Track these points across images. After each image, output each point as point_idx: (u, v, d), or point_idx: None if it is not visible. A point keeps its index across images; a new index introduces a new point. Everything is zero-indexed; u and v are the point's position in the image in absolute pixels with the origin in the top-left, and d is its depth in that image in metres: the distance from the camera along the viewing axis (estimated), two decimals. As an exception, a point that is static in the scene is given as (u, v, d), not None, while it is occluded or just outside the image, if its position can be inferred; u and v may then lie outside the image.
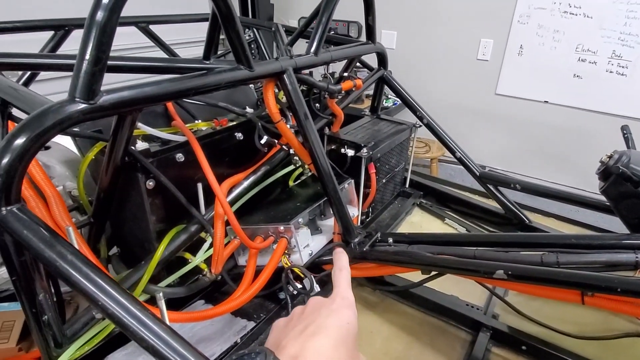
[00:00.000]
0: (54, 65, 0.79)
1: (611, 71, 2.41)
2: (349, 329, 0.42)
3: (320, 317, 0.42)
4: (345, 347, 0.40)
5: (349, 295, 0.47)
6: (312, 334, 0.39)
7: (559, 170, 2.78)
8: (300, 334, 0.40)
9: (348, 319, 0.42)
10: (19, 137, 0.49)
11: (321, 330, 0.40)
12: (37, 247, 0.50)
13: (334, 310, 0.43)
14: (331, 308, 0.44)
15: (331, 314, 0.43)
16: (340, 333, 0.40)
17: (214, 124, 0.96)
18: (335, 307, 0.44)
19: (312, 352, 0.37)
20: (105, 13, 0.52)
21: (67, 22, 1.16)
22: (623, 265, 0.70)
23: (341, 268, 0.51)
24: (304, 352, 0.37)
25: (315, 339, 0.39)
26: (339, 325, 0.41)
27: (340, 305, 0.44)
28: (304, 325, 0.41)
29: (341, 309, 0.44)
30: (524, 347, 0.91)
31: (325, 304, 0.45)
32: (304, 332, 0.40)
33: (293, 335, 0.40)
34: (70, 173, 0.91)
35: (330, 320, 0.41)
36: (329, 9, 0.97)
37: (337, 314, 0.43)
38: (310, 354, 0.37)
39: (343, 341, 0.40)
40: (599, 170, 0.83)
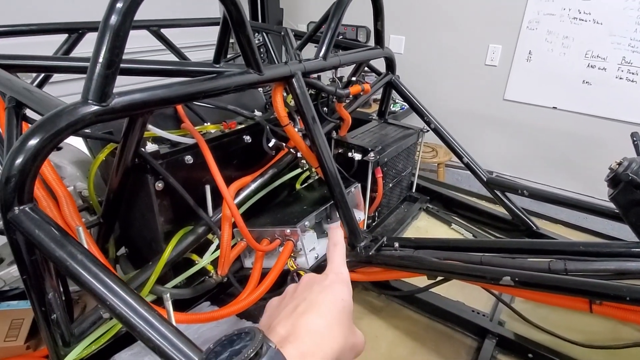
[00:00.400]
0: (67, 67, 0.81)
1: (621, 77, 2.39)
2: (344, 305, 0.40)
3: (312, 293, 0.40)
4: (339, 324, 0.38)
5: (343, 270, 0.45)
6: (303, 312, 0.38)
7: (567, 177, 2.75)
8: (292, 313, 0.38)
9: (342, 295, 0.41)
10: (33, 138, 0.50)
11: (313, 307, 0.38)
12: (48, 247, 0.51)
13: (326, 287, 0.41)
14: (324, 284, 0.42)
15: (324, 290, 0.41)
16: (334, 310, 0.39)
17: (223, 127, 0.97)
18: (327, 283, 0.42)
19: (304, 330, 0.36)
20: (119, 17, 0.53)
21: (81, 25, 1.18)
22: (632, 273, 0.70)
23: (335, 243, 0.48)
24: (295, 330, 0.36)
25: (307, 317, 0.37)
26: (333, 301, 0.40)
27: (334, 280, 0.42)
28: (295, 304, 0.39)
29: (334, 284, 0.42)
30: (530, 355, 0.90)
31: (317, 280, 0.43)
32: (295, 311, 0.38)
33: (284, 315, 0.38)
34: (81, 174, 0.92)
35: (323, 297, 0.40)
36: (338, 14, 0.98)
37: (330, 290, 0.41)
38: (302, 333, 0.36)
39: (336, 318, 0.38)
40: (608, 177, 0.82)
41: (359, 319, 1.02)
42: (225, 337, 0.33)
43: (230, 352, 0.32)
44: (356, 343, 0.40)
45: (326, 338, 0.37)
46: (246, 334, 0.33)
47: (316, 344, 0.36)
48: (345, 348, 0.38)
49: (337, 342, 0.37)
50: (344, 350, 0.38)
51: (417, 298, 1.03)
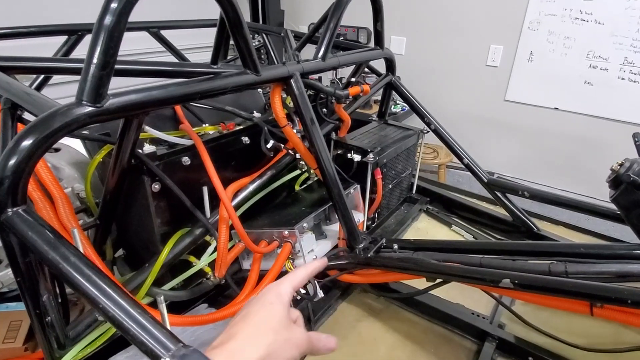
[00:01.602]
0: (65, 68, 0.80)
1: (623, 78, 2.38)
2: (271, 308, 0.47)
3: (248, 306, 0.48)
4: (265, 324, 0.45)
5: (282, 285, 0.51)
6: (235, 323, 0.45)
7: (569, 178, 2.74)
8: (227, 327, 0.45)
9: (269, 300, 0.48)
10: (26, 139, 0.50)
11: (244, 317, 0.45)
12: (41, 249, 0.50)
13: (259, 298, 0.49)
14: (258, 297, 0.49)
15: (257, 301, 0.48)
16: (260, 314, 0.46)
17: (221, 128, 0.96)
18: (261, 295, 0.49)
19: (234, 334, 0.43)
20: (113, 18, 0.52)
21: (79, 27, 1.18)
22: (634, 276, 0.69)
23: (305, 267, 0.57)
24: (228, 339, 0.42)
25: (238, 326, 0.44)
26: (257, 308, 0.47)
27: (267, 292, 0.50)
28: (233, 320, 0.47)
29: (266, 295, 0.49)
30: (530, 358, 0.89)
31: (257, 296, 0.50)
32: (230, 324, 0.45)
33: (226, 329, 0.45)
34: (79, 175, 0.92)
35: (254, 307, 0.47)
36: (337, 14, 0.97)
37: (260, 299, 0.48)
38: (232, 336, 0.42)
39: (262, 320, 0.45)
40: (610, 178, 0.81)
41: (357, 321, 1.01)
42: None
43: None
44: (291, 337, 0.46)
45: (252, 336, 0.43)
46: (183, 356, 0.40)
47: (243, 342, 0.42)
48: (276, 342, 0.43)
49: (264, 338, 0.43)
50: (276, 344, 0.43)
51: (417, 300, 1.02)
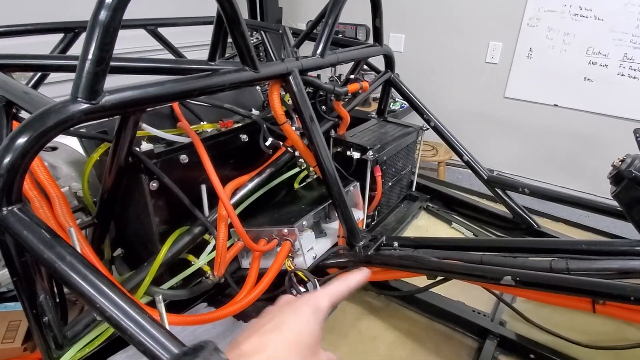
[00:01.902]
0: (61, 66, 0.80)
1: (623, 74, 2.37)
2: (308, 327, 0.41)
3: (281, 315, 0.42)
4: (297, 345, 0.39)
5: (321, 297, 0.46)
6: (265, 332, 0.39)
7: (569, 175, 2.73)
8: (256, 332, 0.39)
9: (307, 318, 0.42)
10: (21, 136, 0.49)
11: (275, 327, 0.40)
12: (37, 248, 0.49)
13: (294, 308, 0.43)
14: (294, 305, 0.43)
15: (293, 311, 0.42)
16: (294, 331, 0.40)
17: (219, 126, 0.96)
18: (298, 304, 0.43)
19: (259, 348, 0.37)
20: (109, 13, 0.52)
21: (76, 25, 1.18)
22: (636, 272, 0.68)
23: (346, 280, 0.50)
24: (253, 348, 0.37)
25: (266, 336, 0.39)
26: (295, 323, 0.41)
27: (303, 303, 0.43)
28: (263, 323, 0.41)
29: (302, 307, 0.43)
30: (532, 355, 0.89)
31: (290, 302, 0.44)
32: (260, 329, 0.40)
33: (249, 333, 0.40)
34: (77, 174, 0.91)
35: (288, 318, 0.41)
36: (335, 11, 0.97)
37: (296, 312, 0.42)
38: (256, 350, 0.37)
39: (296, 340, 0.39)
40: (611, 174, 0.81)
41: (357, 319, 1.01)
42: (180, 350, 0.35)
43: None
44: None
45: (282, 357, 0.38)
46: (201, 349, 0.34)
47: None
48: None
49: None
50: None
51: (417, 298, 1.01)
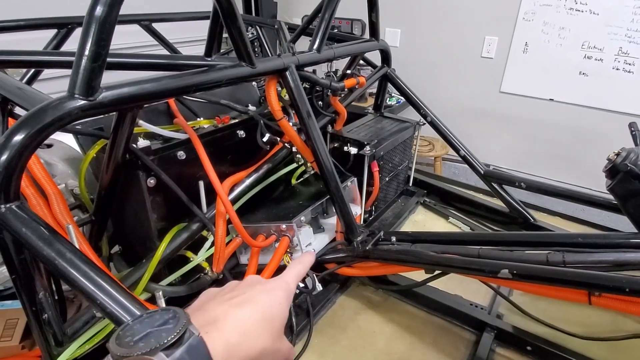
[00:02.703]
0: (56, 62, 0.79)
1: (618, 68, 2.38)
2: (280, 310, 0.40)
3: (252, 291, 0.40)
4: (269, 325, 0.38)
5: (291, 282, 0.45)
6: (237, 304, 0.38)
7: (565, 169, 2.75)
8: (226, 302, 0.38)
9: (280, 300, 0.41)
10: (18, 133, 0.49)
11: (249, 302, 0.38)
12: (36, 245, 0.49)
13: (268, 289, 0.41)
14: (266, 286, 0.42)
15: (265, 290, 0.41)
16: (268, 310, 0.39)
17: (216, 122, 0.95)
18: (270, 287, 0.42)
19: (232, 320, 0.36)
20: (105, 8, 0.51)
21: (69, 20, 1.16)
22: (631, 264, 0.69)
23: (300, 262, 0.49)
24: (223, 318, 0.36)
25: (240, 309, 0.37)
26: (270, 303, 0.40)
27: (277, 286, 0.42)
28: (232, 295, 0.40)
29: (276, 289, 0.42)
30: (529, 347, 0.90)
31: (262, 282, 0.43)
32: (230, 301, 0.38)
33: (218, 302, 0.38)
34: (73, 171, 0.91)
35: (262, 296, 0.40)
36: (331, 6, 0.96)
37: (271, 292, 0.41)
38: (231, 323, 0.36)
39: (268, 319, 0.38)
40: (606, 168, 0.82)
41: (356, 314, 1.01)
42: (147, 313, 0.32)
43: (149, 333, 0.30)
44: (280, 349, 0.40)
45: (253, 335, 0.36)
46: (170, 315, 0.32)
47: (243, 337, 0.35)
48: (269, 350, 0.38)
49: (263, 342, 0.37)
50: (267, 352, 0.38)
51: (415, 292, 1.02)
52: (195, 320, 0.33)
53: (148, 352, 0.29)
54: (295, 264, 0.48)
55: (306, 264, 0.49)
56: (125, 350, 0.29)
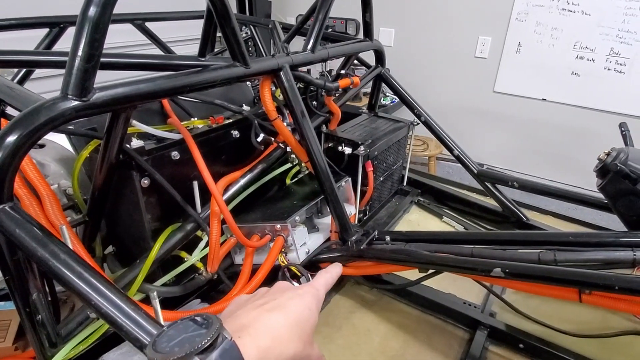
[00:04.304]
0: (48, 62, 0.78)
1: (609, 69, 2.41)
2: (310, 315, 0.41)
3: (283, 297, 0.41)
4: (299, 330, 0.39)
5: (320, 289, 0.46)
6: (269, 309, 0.39)
7: (557, 168, 2.78)
8: (257, 308, 0.39)
9: (310, 306, 0.42)
10: (11, 134, 0.49)
11: (280, 308, 0.39)
12: (30, 246, 0.49)
13: (299, 294, 0.42)
14: (297, 292, 0.43)
15: (295, 296, 0.42)
16: (299, 316, 0.40)
17: (210, 122, 0.95)
18: (301, 292, 0.43)
19: (263, 325, 0.37)
20: (98, 9, 0.51)
21: (61, 19, 1.15)
22: (621, 262, 0.70)
23: (328, 271, 0.51)
24: (255, 323, 0.36)
25: (271, 315, 0.38)
26: (300, 309, 0.40)
27: (307, 292, 0.43)
28: (263, 301, 0.40)
29: (307, 294, 0.43)
30: (521, 345, 0.91)
31: (292, 288, 0.44)
32: (261, 307, 0.39)
33: (250, 308, 0.39)
34: (65, 171, 0.90)
35: (292, 302, 0.41)
36: (325, 5, 0.97)
37: (301, 298, 0.42)
38: (263, 328, 0.36)
39: (299, 325, 0.39)
40: (597, 167, 0.83)
41: (351, 312, 1.02)
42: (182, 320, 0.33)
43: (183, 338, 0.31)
44: (311, 356, 0.41)
45: (285, 340, 0.37)
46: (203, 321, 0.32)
47: (275, 342, 0.36)
48: (300, 355, 0.38)
49: (294, 347, 0.37)
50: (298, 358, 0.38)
51: (409, 291, 1.03)
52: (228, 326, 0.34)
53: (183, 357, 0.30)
54: (324, 273, 0.50)
55: (334, 274, 0.51)
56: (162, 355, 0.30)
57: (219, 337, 0.31)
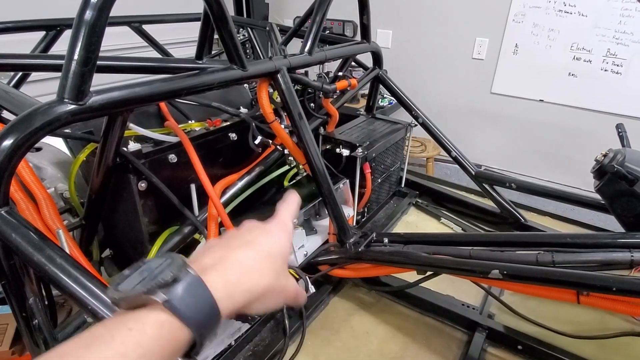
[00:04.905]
0: (45, 65, 0.78)
1: (606, 69, 2.42)
2: (280, 248, 0.40)
3: (251, 235, 0.40)
4: (271, 263, 0.38)
5: (287, 221, 0.45)
6: (235, 247, 0.38)
7: (555, 169, 2.78)
8: (224, 247, 0.38)
9: (280, 240, 0.41)
10: (7, 139, 0.49)
11: (248, 244, 0.38)
12: (26, 251, 0.49)
13: (266, 231, 0.41)
14: (264, 228, 0.42)
15: (263, 233, 0.41)
16: (268, 250, 0.39)
17: (208, 125, 0.95)
18: (269, 228, 0.42)
19: (232, 262, 0.36)
20: (94, 12, 0.51)
21: (58, 22, 1.15)
22: (618, 264, 0.70)
23: (287, 201, 0.48)
24: (222, 261, 0.35)
25: (238, 251, 0.37)
26: (269, 244, 0.39)
27: (275, 227, 0.42)
28: (230, 241, 0.39)
29: (274, 230, 0.42)
30: (519, 346, 0.91)
31: (259, 226, 0.42)
32: (228, 246, 0.38)
33: (217, 249, 0.38)
34: (62, 175, 0.90)
35: (260, 238, 0.40)
36: (323, 8, 0.97)
37: (269, 234, 0.41)
38: (229, 264, 0.35)
39: (269, 258, 0.38)
40: (594, 168, 0.83)
41: (349, 315, 1.01)
42: (144, 262, 0.32)
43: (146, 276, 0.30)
44: (286, 287, 0.40)
45: (255, 272, 0.36)
46: (166, 260, 0.32)
47: (244, 276, 0.35)
48: (273, 288, 0.38)
49: (266, 280, 0.37)
50: (272, 290, 0.38)
51: (408, 293, 1.03)
52: (195, 266, 0.33)
53: (146, 292, 0.29)
54: (285, 205, 0.47)
55: (294, 202, 0.49)
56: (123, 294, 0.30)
57: (182, 272, 0.31)
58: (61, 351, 0.27)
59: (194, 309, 0.30)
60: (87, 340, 0.28)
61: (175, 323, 0.29)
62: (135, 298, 0.30)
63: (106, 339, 0.27)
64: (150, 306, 0.30)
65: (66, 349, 0.27)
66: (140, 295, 0.29)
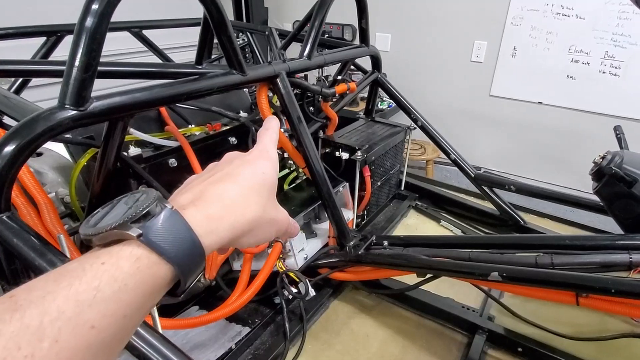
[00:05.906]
0: (45, 71, 0.79)
1: (604, 72, 2.43)
2: (265, 178, 0.38)
3: (231, 166, 0.37)
4: (257, 194, 0.36)
5: (269, 149, 0.42)
6: (216, 181, 0.35)
7: (554, 171, 2.79)
8: (203, 182, 0.35)
9: (263, 169, 0.38)
10: (8, 144, 0.49)
11: (229, 177, 0.36)
12: (27, 256, 0.49)
13: (248, 160, 0.38)
14: (245, 158, 0.39)
15: (244, 163, 0.38)
16: (252, 181, 0.36)
17: (208, 129, 0.96)
18: (249, 158, 0.39)
19: (213, 196, 0.33)
20: (95, 19, 0.52)
21: (59, 28, 1.16)
22: (617, 265, 0.70)
23: (267, 128, 0.45)
24: (203, 196, 0.33)
25: (219, 185, 0.35)
26: (252, 173, 0.37)
27: (257, 156, 0.39)
28: (210, 174, 0.37)
29: (257, 159, 0.39)
30: (520, 348, 0.91)
31: (240, 156, 0.40)
32: (207, 180, 0.36)
33: (195, 183, 0.35)
34: (63, 179, 0.90)
35: (242, 169, 0.37)
36: (321, 12, 0.97)
37: (251, 164, 0.38)
38: (210, 198, 0.33)
39: (254, 189, 0.36)
40: (592, 171, 0.83)
41: (349, 318, 1.02)
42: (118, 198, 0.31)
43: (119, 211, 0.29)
44: (276, 218, 0.39)
45: (239, 205, 0.34)
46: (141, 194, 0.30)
47: (227, 210, 0.33)
48: (262, 219, 0.36)
49: (251, 211, 0.35)
50: (261, 221, 0.36)
51: (407, 296, 1.03)
52: (173, 203, 0.31)
53: (118, 227, 0.28)
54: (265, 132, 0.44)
55: (275, 127, 0.45)
56: (94, 229, 0.28)
57: (158, 206, 0.29)
58: (31, 285, 0.25)
59: (173, 243, 0.29)
60: (58, 274, 0.26)
61: (152, 258, 0.28)
62: (108, 234, 0.28)
63: (78, 273, 0.26)
64: (125, 242, 0.28)
65: (36, 283, 0.25)
66: (113, 230, 0.28)
